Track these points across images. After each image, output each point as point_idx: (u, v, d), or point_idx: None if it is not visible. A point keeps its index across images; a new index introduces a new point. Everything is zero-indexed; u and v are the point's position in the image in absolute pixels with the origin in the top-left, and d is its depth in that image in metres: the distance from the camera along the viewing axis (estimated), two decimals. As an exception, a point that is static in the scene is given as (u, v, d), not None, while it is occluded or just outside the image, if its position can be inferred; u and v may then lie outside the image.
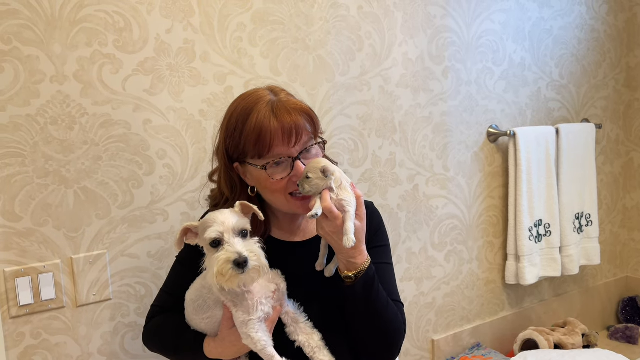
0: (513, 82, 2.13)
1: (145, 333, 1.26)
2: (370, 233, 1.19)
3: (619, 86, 2.50)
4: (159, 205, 1.47)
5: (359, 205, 1.08)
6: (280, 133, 1.09)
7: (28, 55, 1.29)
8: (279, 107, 1.11)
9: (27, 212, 1.32)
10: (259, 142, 1.09)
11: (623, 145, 2.56)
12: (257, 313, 1.04)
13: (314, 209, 1.04)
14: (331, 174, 1.05)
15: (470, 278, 2.10)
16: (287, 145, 1.10)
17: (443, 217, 2.00)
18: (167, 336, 1.19)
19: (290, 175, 1.12)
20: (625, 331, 2.37)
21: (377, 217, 1.28)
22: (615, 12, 2.44)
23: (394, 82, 1.84)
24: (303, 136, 1.12)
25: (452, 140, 1.99)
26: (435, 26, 1.91)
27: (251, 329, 1.03)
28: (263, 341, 1.03)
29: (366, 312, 1.12)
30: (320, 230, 1.08)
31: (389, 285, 1.21)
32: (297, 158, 1.11)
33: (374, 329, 1.14)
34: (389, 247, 1.28)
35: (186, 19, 1.47)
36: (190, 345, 1.14)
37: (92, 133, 1.37)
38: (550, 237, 2.16)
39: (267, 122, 1.09)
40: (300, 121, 1.11)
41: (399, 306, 1.20)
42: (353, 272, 1.09)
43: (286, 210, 1.18)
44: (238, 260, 0.95)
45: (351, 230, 1.03)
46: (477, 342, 2.10)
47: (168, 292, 1.26)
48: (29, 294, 1.32)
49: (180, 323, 1.17)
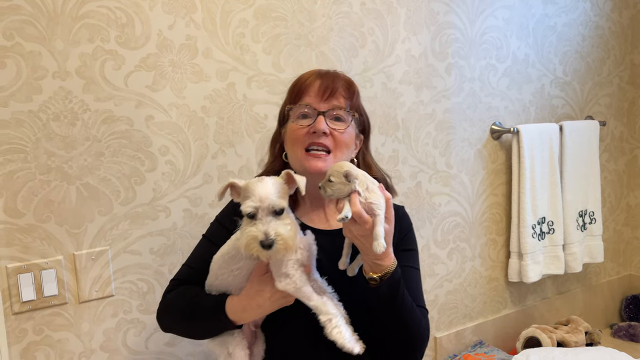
0: (516, 79, 2.12)
1: (161, 306, 1.21)
2: (399, 236, 1.19)
3: (623, 83, 2.48)
4: (161, 202, 1.47)
5: (388, 208, 1.04)
6: (316, 86, 1.17)
7: (30, 51, 1.29)
8: (324, 71, 1.21)
9: (30, 209, 1.32)
10: (295, 88, 1.20)
11: (627, 142, 2.55)
12: (297, 255, 1.04)
13: (344, 212, 1.00)
14: (354, 177, 1.02)
15: (472, 275, 2.09)
16: (319, 99, 1.16)
17: (446, 214, 2.00)
18: (185, 302, 1.16)
19: (310, 126, 1.14)
20: (629, 329, 2.36)
21: (406, 220, 1.28)
22: (620, 9, 2.42)
23: (396, 78, 1.83)
24: (337, 97, 1.17)
25: (455, 137, 1.99)
26: (439, 22, 1.90)
27: (290, 268, 1.03)
28: (302, 279, 1.03)
29: (390, 315, 1.09)
30: (348, 233, 1.05)
31: (415, 290, 1.18)
32: (322, 113, 1.15)
33: (396, 333, 1.11)
34: (417, 251, 1.27)
35: (188, 15, 1.46)
36: (210, 306, 1.11)
37: (94, 129, 1.37)
38: (553, 234, 2.15)
39: (307, 75, 1.21)
40: (338, 84, 1.18)
41: (423, 312, 1.17)
42: (378, 274, 1.06)
43: (299, 167, 1.17)
44: (264, 241, 0.97)
45: (381, 235, 1.00)
46: (479, 340, 2.09)
47: (190, 266, 1.23)
48: (32, 290, 1.32)
49: (201, 291, 1.16)
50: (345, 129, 1.16)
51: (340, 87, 1.18)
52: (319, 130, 1.13)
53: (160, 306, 1.22)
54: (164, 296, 1.23)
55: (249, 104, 1.57)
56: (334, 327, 1.02)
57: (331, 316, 1.03)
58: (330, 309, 1.03)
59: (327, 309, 1.03)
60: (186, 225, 1.51)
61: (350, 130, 1.18)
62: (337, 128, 1.15)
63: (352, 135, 1.19)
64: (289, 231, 0.99)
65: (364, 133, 1.26)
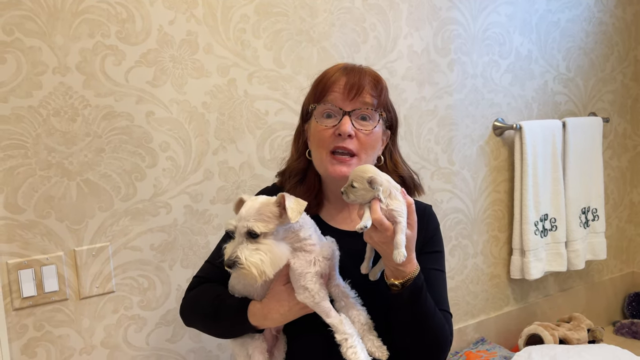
0: (519, 75, 2.11)
1: (184, 303, 1.20)
2: (425, 238, 1.17)
3: (626, 80, 2.47)
4: (161, 198, 1.47)
5: (410, 213, 1.01)
6: (342, 83, 1.11)
7: (30, 46, 1.28)
8: (350, 66, 1.15)
9: (30, 204, 1.32)
10: (319, 85, 1.14)
11: (630, 139, 2.53)
12: (315, 267, 1.03)
13: (363, 221, 0.97)
14: (379, 185, 0.98)
15: (474, 272, 2.09)
16: (345, 97, 1.10)
17: (448, 211, 1.99)
18: (208, 301, 1.14)
19: (335, 127, 1.10)
20: (631, 326, 2.36)
21: (433, 221, 1.23)
22: (624, 5, 2.40)
23: (399, 74, 1.82)
24: (363, 95, 1.11)
25: (457, 133, 1.98)
26: (441, 18, 1.89)
27: (309, 281, 1.02)
28: (320, 294, 1.03)
29: (411, 321, 1.06)
30: (369, 239, 1.02)
31: (438, 293, 1.15)
32: (348, 113, 1.10)
33: (418, 339, 1.08)
34: (443, 253, 1.23)
35: (189, 10, 1.45)
36: (233, 309, 1.10)
37: (94, 125, 1.37)
38: (556, 231, 2.14)
39: (332, 71, 1.14)
40: (365, 81, 1.11)
41: (446, 316, 1.13)
42: (400, 280, 1.04)
43: (323, 171, 1.14)
44: (227, 262, 0.98)
45: (402, 243, 0.97)
46: (481, 337, 2.09)
47: (213, 263, 1.22)
48: (32, 286, 1.32)
49: (224, 291, 1.15)
50: (372, 129, 1.11)
51: (368, 84, 1.11)
52: (344, 132, 1.08)
53: (183, 303, 1.21)
54: (187, 293, 1.22)
55: (250, 99, 1.56)
56: (349, 347, 1.01)
57: (347, 336, 1.02)
58: (346, 329, 1.02)
59: (344, 329, 1.02)
60: (187, 222, 1.51)
61: (377, 130, 1.13)
62: (363, 129, 1.11)
63: (379, 135, 1.14)
64: (254, 257, 0.96)
65: (392, 129, 1.21)
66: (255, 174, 1.59)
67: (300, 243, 1.03)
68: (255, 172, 1.59)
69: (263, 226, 0.97)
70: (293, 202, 0.98)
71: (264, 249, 0.97)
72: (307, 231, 1.04)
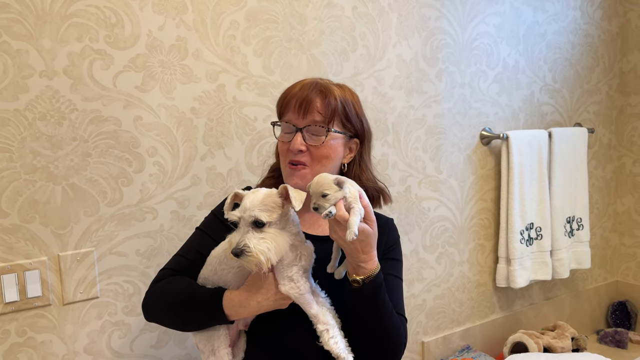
0: (506, 86, 2.13)
1: (149, 294, 1.19)
2: (386, 246, 1.25)
3: (611, 91, 2.51)
4: (148, 203, 1.46)
5: (368, 213, 1.07)
6: (295, 100, 1.17)
7: (17, 49, 1.27)
8: (307, 83, 1.20)
9: (14, 208, 1.30)
10: (279, 103, 1.23)
11: (615, 150, 2.57)
12: (301, 261, 1.09)
13: (329, 208, 1.03)
14: (344, 181, 1.05)
15: (461, 280, 2.10)
16: (297, 115, 1.17)
17: (435, 219, 2.00)
18: (178, 292, 1.14)
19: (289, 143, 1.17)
20: (615, 335, 2.38)
21: (394, 232, 1.31)
22: (609, 17, 2.44)
23: (387, 83, 1.83)
24: (312, 112, 1.16)
25: (445, 142, 1.99)
26: (430, 28, 1.90)
27: (295, 273, 1.08)
28: (305, 286, 1.08)
29: (369, 318, 1.11)
30: (333, 234, 1.07)
31: (396, 298, 1.20)
32: (300, 130, 1.16)
33: (374, 337, 1.12)
34: (402, 263, 1.30)
35: (179, 15, 1.45)
36: (206, 298, 1.11)
37: (81, 129, 1.36)
38: (541, 240, 2.16)
39: (289, 89, 1.21)
40: (315, 99, 1.16)
41: (402, 320, 1.19)
42: (361, 276, 1.09)
43: (285, 180, 1.20)
44: (234, 250, 1.01)
45: (355, 224, 1.02)
46: (467, 345, 2.10)
47: (183, 256, 1.22)
48: (15, 291, 1.31)
49: (194, 282, 1.16)
50: (321, 143, 1.16)
51: (315, 100, 1.16)
52: (293, 149, 1.16)
53: (148, 295, 1.19)
54: (152, 285, 1.20)
55: (239, 106, 1.57)
56: (330, 337, 1.07)
57: (329, 326, 1.07)
58: (328, 319, 1.08)
59: (326, 319, 1.08)
60: (173, 227, 1.50)
61: (332, 143, 1.18)
62: (314, 143, 1.16)
63: (334, 146, 1.18)
64: (261, 245, 1.01)
65: (359, 137, 1.24)
66: (243, 180, 1.59)
67: (293, 236, 1.08)
68: (243, 178, 1.59)
69: (268, 215, 1.02)
70: (295, 192, 1.04)
71: (269, 237, 1.02)
72: (298, 227, 1.11)
